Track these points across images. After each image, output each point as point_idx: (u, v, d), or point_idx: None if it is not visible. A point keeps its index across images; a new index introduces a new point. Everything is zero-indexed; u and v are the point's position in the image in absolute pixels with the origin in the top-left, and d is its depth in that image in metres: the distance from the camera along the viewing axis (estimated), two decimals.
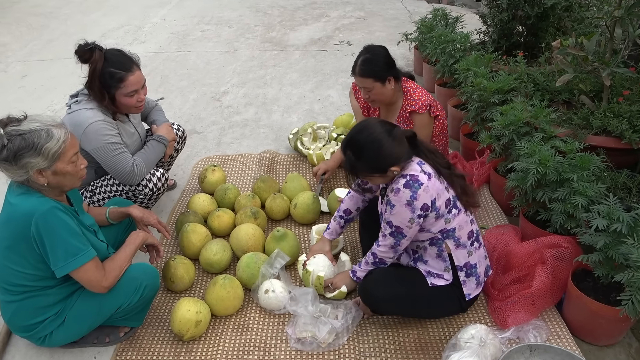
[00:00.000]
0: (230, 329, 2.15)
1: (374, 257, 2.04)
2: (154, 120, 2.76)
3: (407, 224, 1.88)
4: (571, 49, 2.67)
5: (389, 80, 2.56)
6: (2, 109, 4.29)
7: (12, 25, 6.65)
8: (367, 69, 2.53)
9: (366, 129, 1.87)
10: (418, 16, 5.48)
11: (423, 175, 1.86)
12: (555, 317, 2.10)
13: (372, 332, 2.10)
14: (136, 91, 2.39)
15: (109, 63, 2.31)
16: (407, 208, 1.84)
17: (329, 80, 4.77)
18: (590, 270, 2.00)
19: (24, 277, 1.84)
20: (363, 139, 1.86)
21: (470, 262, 1.99)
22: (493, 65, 3.27)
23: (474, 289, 2.03)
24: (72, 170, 1.82)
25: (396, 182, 1.87)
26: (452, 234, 1.94)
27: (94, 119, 2.33)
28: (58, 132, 1.75)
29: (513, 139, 2.50)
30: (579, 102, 2.83)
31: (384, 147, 1.83)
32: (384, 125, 1.88)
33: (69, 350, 2.08)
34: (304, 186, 2.89)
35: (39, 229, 1.73)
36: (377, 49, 2.61)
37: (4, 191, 1.89)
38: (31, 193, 1.79)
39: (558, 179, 2.17)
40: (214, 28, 6.47)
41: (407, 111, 2.64)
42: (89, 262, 1.81)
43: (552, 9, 3.53)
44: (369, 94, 2.60)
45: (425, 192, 1.83)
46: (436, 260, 1.99)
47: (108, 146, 2.35)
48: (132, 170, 2.42)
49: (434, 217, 1.89)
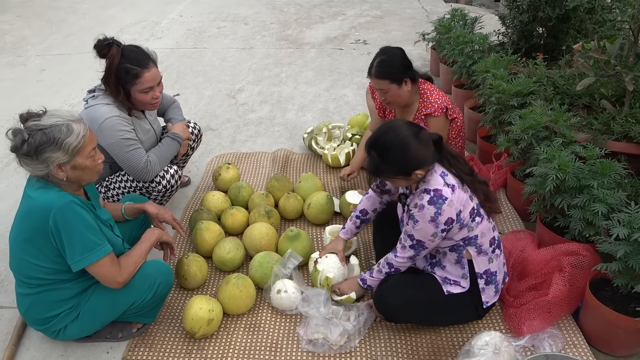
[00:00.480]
0: (242, 328, 2.15)
1: (389, 267, 2.01)
2: (171, 118, 2.76)
3: (429, 238, 1.86)
4: (593, 52, 2.62)
5: (406, 82, 2.53)
6: (22, 102, 4.35)
7: (32, 19, 6.74)
8: (383, 70, 2.52)
9: (393, 130, 1.83)
10: (435, 16, 5.44)
11: (447, 189, 1.82)
12: (571, 326, 2.06)
13: (384, 336, 2.08)
14: (151, 88, 2.39)
15: (126, 59, 2.32)
16: (431, 224, 1.81)
17: (344, 79, 4.75)
18: (608, 279, 1.97)
19: (41, 271, 1.85)
20: (389, 140, 1.81)
21: (490, 270, 1.96)
22: (512, 68, 3.22)
23: (492, 296, 2.01)
24: (91, 165, 1.84)
25: (420, 197, 1.83)
26: (475, 241, 1.91)
27: (110, 114, 2.34)
28: (78, 127, 1.77)
29: (532, 143, 2.46)
30: (600, 107, 2.78)
31: (411, 149, 1.79)
32: (410, 128, 1.84)
33: (82, 345, 2.10)
34: (318, 186, 2.88)
35: (56, 222, 1.74)
36: (394, 50, 2.59)
37: (23, 184, 1.90)
38: (50, 187, 1.81)
39: (577, 185, 2.13)
40: (230, 25, 6.48)
41: (423, 113, 2.62)
42: (105, 257, 1.82)
43: (574, 10, 3.47)
44: (385, 96, 2.58)
45: (449, 207, 1.80)
46: (455, 266, 1.97)
47: (122, 142, 2.36)
48: (146, 166, 2.43)
49: (458, 227, 1.86)
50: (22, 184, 3.13)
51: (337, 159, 3.23)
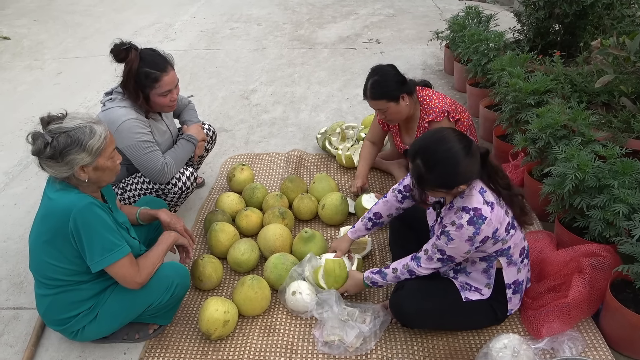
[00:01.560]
0: (257, 329, 2.15)
1: (409, 274, 1.95)
2: (186, 120, 2.78)
3: (462, 255, 1.83)
4: (612, 49, 2.57)
5: (403, 98, 2.54)
6: (39, 105, 4.42)
7: (48, 23, 6.83)
8: (377, 91, 2.53)
9: (445, 142, 1.73)
10: (449, 13, 5.39)
11: (486, 208, 1.77)
12: (591, 329, 2.02)
13: (400, 338, 2.07)
14: (170, 91, 2.41)
15: (144, 63, 2.33)
16: (467, 243, 1.78)
17: (357, 79, 4.72)
18: (630, 281, 1.93)
19: (60, 272, 1.87)
20: (440, 152, 1.72)
21: (518, 280, 1.95)
22: (528, 65, 3.18)
23: (516, 304, 2.01)
24: (111, 166, 1.88)
25: (459, 216, 1.77)
26: (507, 252, 1.88)
27: (127, 117, 2.36)
28: (100, 129, 1.80)
29: (549, 142, 2.42)
30: (619, 105, 2.72)
31: (460, 165, 1.71)
32: (462, 140, 1.75)
33: (99, 345, 2.12)
34: (332, 187, 2.87)
35: (76, 224, 1.76)
36: (385, 69, 2.60)
37: (41, 187, 1.93)
38: (70, 189, 1.83)
39: (597, 185, 2.09)
40: (242, 26, 6.49)
41: (425, 121, 2.62)
42: (124, 258, 1.84)
43: (592, 6, 3.40)
44: (385, 114, 2.61)
45: (488, 226, 1.76)
46: (481, 274, 1.94)
47: (140, 144, 2.38)
48: (162, 168, 2.44)
49: (492, 242, 1.83)
50: (40, 186, 3.21)
51: (350, 159, 3.22)
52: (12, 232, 2.86)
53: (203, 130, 2.80)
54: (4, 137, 3.90)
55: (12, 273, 2.56)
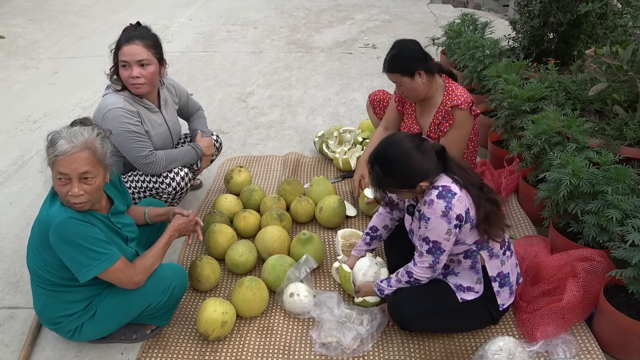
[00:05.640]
0: (255, 330, 2.16)
1: (408, 276, 1.96)
2: (198, 129, 2.81)
3: (444, 236, 1.82)
4: (605, 57, 2.62)
5: (419, 74, 2.49)
6: (35, 105, 4.40)
7: (44, 22, 6.80)
8: (393, 64, 2.52)
9: (394, 144, 1.83)
10: (444, 20, 5.45)
11: (455, 186, 1.82)
12: (585, 332, 2.06)
13: (397, 340, 2.09)
14: (127, 63, 2.36)
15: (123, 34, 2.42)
16: (443, 219, 1.79)
17: (353, 83, 4.76)
18: (623, 285, 1.96)
19: (53, 275, 1.88)
20: (391, 154, 1.82)
21: (503, 272, 1.96)
22: (523, 73, 3.23)
23: (507, 298, 2.01)
24: (57, 187, 1.77)
25: (428, 194, 1.83)
26: (487, 244, 1.91)
27: (114, 105, 2.38)
28: (59, 146, 1.72)
29: (544, 149, 2.46)
30: (612, 112, 2.77)
31: (413, 162, 1.80)
32: (412, 140, 1.84)
33: (96, 345, 2.12)
34: (330, 190, 2.89)
35: (55, 239, 1.76)
36: (405, 43, 2.58)
37: (37, 187, 1.93)
38: (56, 198, 1.83)
39: (592, 191, 2.12)
40: (239, 29, 6.51)
41: (449, 105, 2.55)
42: (115, 264, 1.82)
43: (586, 16, 3.46)
44: (401, 89, 2.58)
45: (459, 202, 1.80)
46: (469, 272, 1.96)
47: (124, 133, 2.39)
48: (148, 157, 2.45)
49: (469, 227, 1.85)
50: (36, 185, 3.20)
51: (348, 163, 3.24)
52: (8, 231, 2.85)
53: (213, 146, 2.83)
54: None
55: (8, 272, 2.55)
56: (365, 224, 2.80)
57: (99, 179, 1.80)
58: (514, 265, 2.04)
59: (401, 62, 2.51)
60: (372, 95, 3.20)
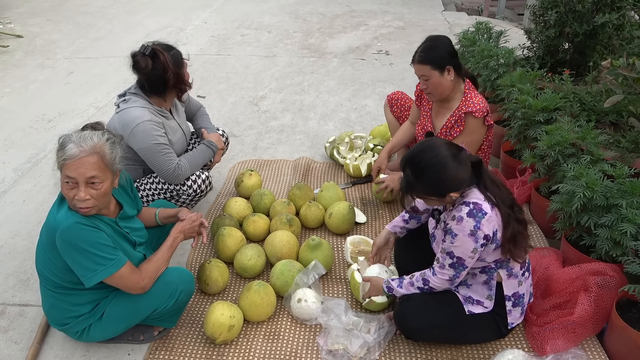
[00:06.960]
0: (262, 335, 2.16)
1: (424, 283, 1.95)
2: (203, 127, 2.84)
3: (469, 254, 1.79)
4: (622, 69, 2.59)
5: (449, 71, 2.49)
6: (50, 103, 4.46)
7: (61, 23, 6.90)
8: (426, 55, 2.50)
9: (431, 150, 1.77)
10: (459, 28, 5.43)
11: (487, 205, 1.77)
12: (595, 347, 2.03)
13: (404, 349, 2.07)
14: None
15: (165, 52, 2.49)
16: (470, 238, 1.76)
17: (366, 89, 4.76)
18: (635, 300, 1.93)
19: (60, 277, 1.89)
20: (426, 160, 1.76)
21: (519, 292, 1.95)
22: (538, 83, 3.20)
23: (517, 317, 1.99)
24: (64, 190, 1.77)
25: (458, 209, 1.79)
26: (507, 264, 1.88)
27: (142, 118, 2.38)
28: (68, 149, 1.73)
29: (558, 160, 2.43)
30: (628, 125, 2.74)
31: (447, 171, 1.74)
32: (450, 148, 1.78)
33: (104, 345, 2.13)
34: (340, 196, 2.89)
35: (61, 244, 1.77)
36: (441, 38, 2.59)
37: (50, 185, 1.94)
38: (64, 202, 1.83)
39: (605, 204, 2.10)
40: (253, 33, 6.55)
41: (463, 111, 2.55)
42: (121, 269, 1.82)
43: (602, 27, 3.43)
44: (426, 84, 2.55)
45: (488, 222, 1.76)
46: (482, 286, 1.94)
47: (154, 147, 2.41)
48: (175, 169, 2.48)
49: (493, 248, 1.82)
50: (49, 184, 3.24)
51: (358, 169, 3.24)
52: (20, 228, 2.88)
53: (222, 139, 2.86)
54: (15, 134, 3.93)
55: (19, 270, 2.57)
56: (375, 231, 2.79)
57: (107, 184, 1.80)
58: (529, 286, 2.02)
59: (435, 54, 2.50)
60: (390, 95, 3.23)
